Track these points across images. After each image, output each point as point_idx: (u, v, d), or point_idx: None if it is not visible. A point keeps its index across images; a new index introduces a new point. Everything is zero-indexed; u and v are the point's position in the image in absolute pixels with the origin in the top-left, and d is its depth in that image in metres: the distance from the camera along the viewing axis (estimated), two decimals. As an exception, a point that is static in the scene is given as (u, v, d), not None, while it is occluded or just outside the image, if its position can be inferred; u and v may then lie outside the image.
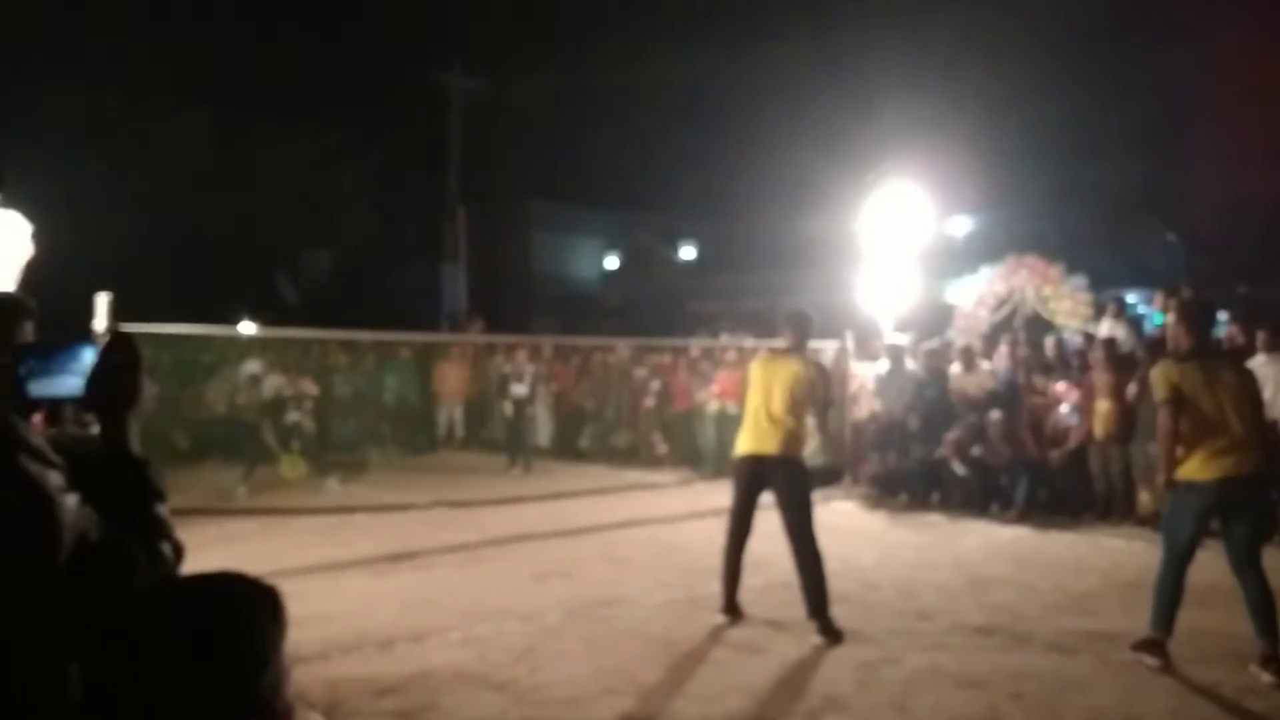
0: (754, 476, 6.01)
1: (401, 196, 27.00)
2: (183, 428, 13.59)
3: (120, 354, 1.73)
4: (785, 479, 5.97)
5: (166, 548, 1.64)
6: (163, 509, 1.69)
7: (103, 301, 8.84)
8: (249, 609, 1.50)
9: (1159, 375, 5.15)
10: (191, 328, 12.10)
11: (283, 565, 6.68)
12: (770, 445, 6.02)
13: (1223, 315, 14.32)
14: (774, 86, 24.36)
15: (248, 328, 14.96)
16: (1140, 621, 5.31)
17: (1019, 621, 6.19)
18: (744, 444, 6.10)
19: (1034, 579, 7.41)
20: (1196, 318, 5.29)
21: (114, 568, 1.53)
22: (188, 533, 1.77)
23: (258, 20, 23.64)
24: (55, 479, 1.49)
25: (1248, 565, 5.02)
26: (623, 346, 15.91)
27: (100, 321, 8.94)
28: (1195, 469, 5.01)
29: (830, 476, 7.75)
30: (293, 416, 11.66)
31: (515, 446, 13.80)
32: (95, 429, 1.74)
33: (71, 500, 1.50)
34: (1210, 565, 5.44)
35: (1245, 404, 5.02)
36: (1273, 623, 4.91)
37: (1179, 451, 5.04)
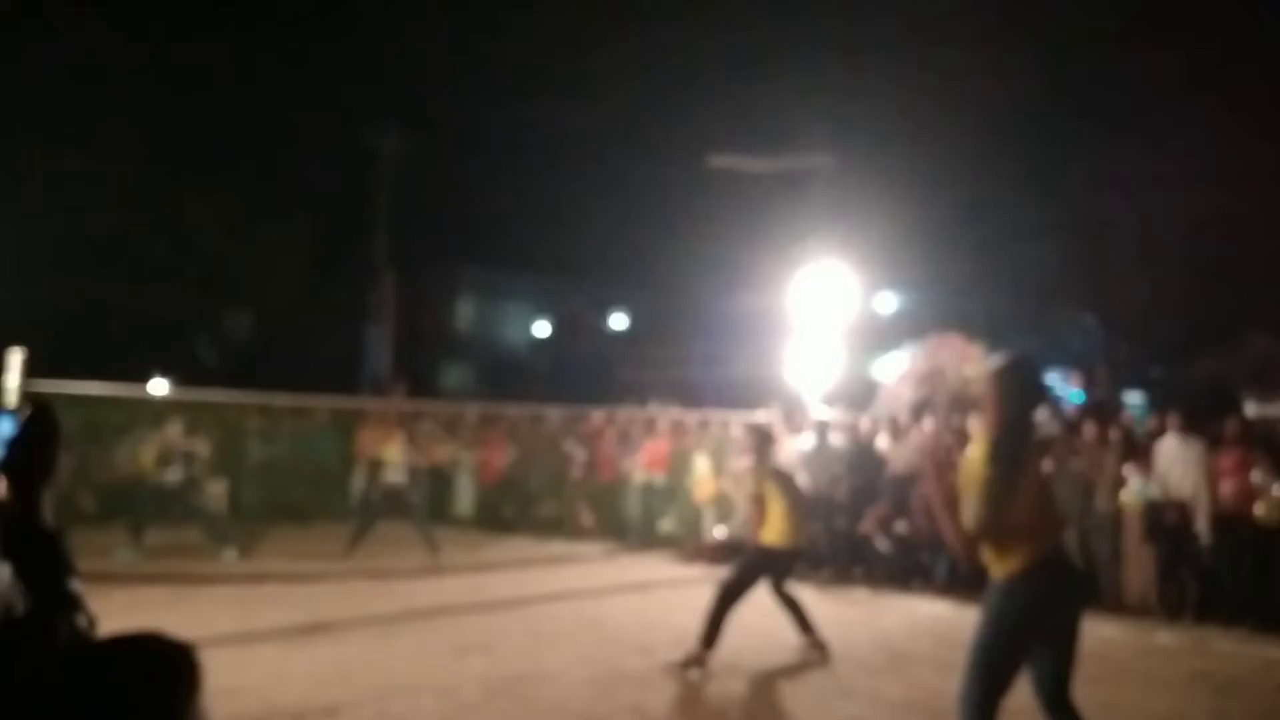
0: None
1: (328, 257, 26.77)
2: (90, 490, 13.11)
3: (40, 425, 1.72)
4: None
5: (82, 621, 1.62)
6: (74, 583, 1.66)
7: (15, 357, 8.59)
8: (164, 669, 1.51)
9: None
10: (104, 387, 11.79)
11: (191, 635, 6.42)
12: None
13: (1138, 398, 14.81)
14: (705, 162, 24.78)
15: (160, 387, 14.56)
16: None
17: (938, 698, 6.18)
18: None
19: (954, 656, 7.37)
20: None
21: (36, 641, 1.50)
22: (95, 599, 1.72)
23: (185, 76, 23.46)
24: None
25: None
26: (551, 414, 15.84)
27: (12, 377, 8.68)
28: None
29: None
30: (173, 476, 11.13)
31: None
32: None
33: (4, 571, 1.45)
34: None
35: None
36: None
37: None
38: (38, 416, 1.75)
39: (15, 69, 20.31)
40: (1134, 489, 9.48)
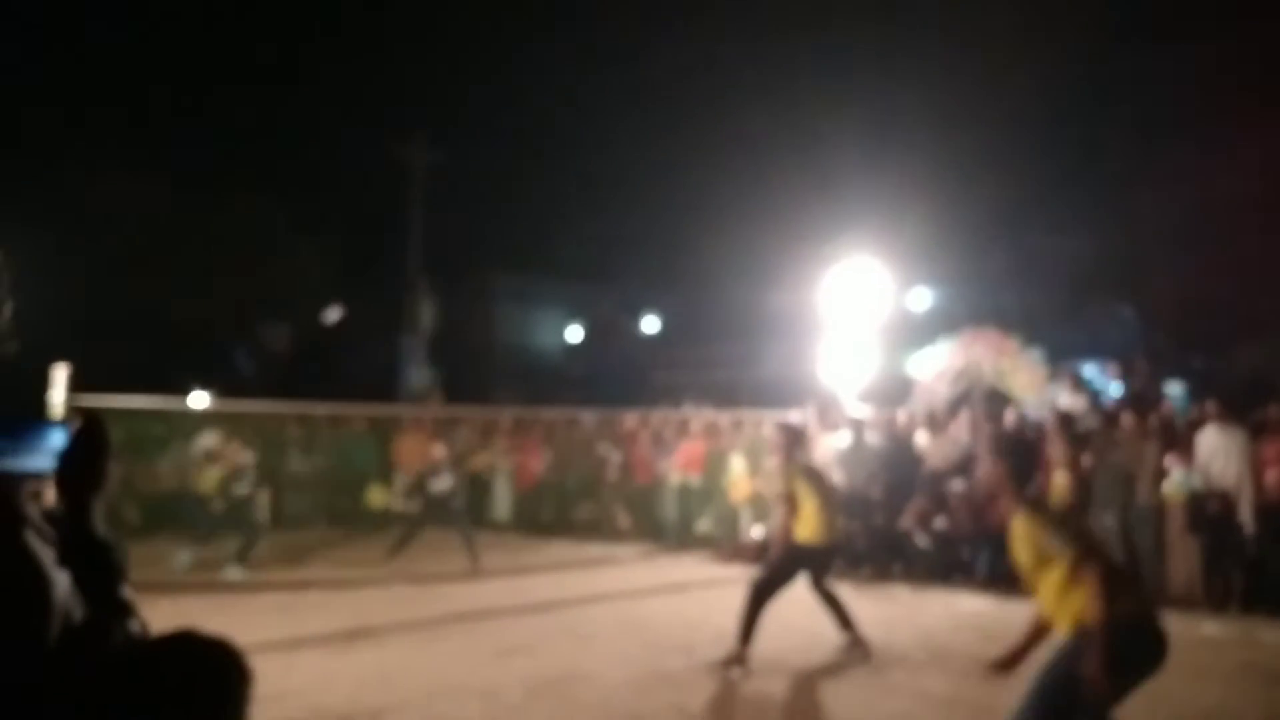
0: None
1: (363, 269, 27.06)
2: (135, 502, 13.31)
3: (92, 438, 1.76)
4: None
5: (135, 626, 1.66)
6: (128, 590, 1.71)
7: (60, 373, 8.74)
8: (215, 665, 1.55)
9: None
10: (147, 400, 11.96)
11: (237, 642, 6.52)
12: None
13: (1178, 389, 14.61)
14: (737, 161, 24.85)
15: (200, 399, 14.75)
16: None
17: (983, 693, 6.15)
18: None
19: (997, 651, 7.36)
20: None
21: (93, 648, 1.55)
22: (141, 608, 1.76)
23: (220, 92, 23.80)
24: (50, 556, 1.49)
25: None
26: (586, 418, 15.90)
27: (58, 393, 8.83)
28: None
29: None
30: (241, 489, 11.15)
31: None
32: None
33: (64, 579, 1.50)
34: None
35: None
36: None
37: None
38: (89, 429, 1.79)
39: (55, 85, 20.69)
40: (1176, 480, 9.38)
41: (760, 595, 6.78)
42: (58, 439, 1.81)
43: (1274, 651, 7.51)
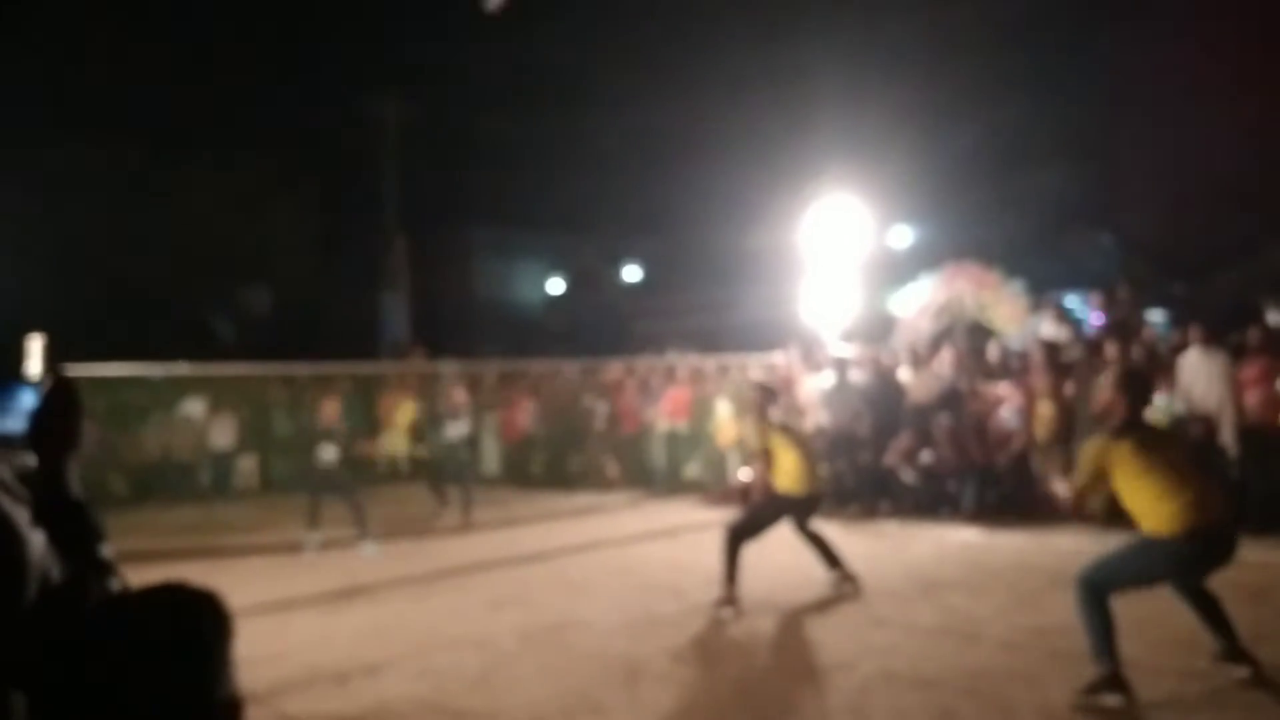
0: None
1: (340, 227, 26.77)
2: (121, 471, 13.29)
3: (61, 398, 1.74)
4: None
5: (115, 584, 1.66)
6: (105, 548, 1.69)
7: (36, 344, 8.67)
8: (192, 613, 1.55)
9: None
10: (126, 367, 11.87)
11: (231, 605, 6.53)
12: None
13: (1160, 316, 14.67)
14: (712, 104, 24.54)
15: (179, 368, 14.70)
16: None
17: (971, 622, 6.25)
18: None
19: (984, 580, 7.49)
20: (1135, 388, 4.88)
21: (73, 607, 1.54)
22: (133, 577, 1.75)
23: (190, 53, 23.33)
24: (23, 515, 1.48)
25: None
26: (570, 369, 15.89)
27: (34, 364, 8.77)
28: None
29: None
30: (328, 455, 10.07)
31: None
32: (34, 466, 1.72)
33: (38, 538, 1.48)
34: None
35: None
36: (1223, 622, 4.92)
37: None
38: (57, 389, 1.77)
39: (22, 53, 20.27)
40: (1159, 405, 9.43)
41: (736, 538, 6.85)
42: (28, 400, 1.78)
43: (1258, 570, 7.59)
